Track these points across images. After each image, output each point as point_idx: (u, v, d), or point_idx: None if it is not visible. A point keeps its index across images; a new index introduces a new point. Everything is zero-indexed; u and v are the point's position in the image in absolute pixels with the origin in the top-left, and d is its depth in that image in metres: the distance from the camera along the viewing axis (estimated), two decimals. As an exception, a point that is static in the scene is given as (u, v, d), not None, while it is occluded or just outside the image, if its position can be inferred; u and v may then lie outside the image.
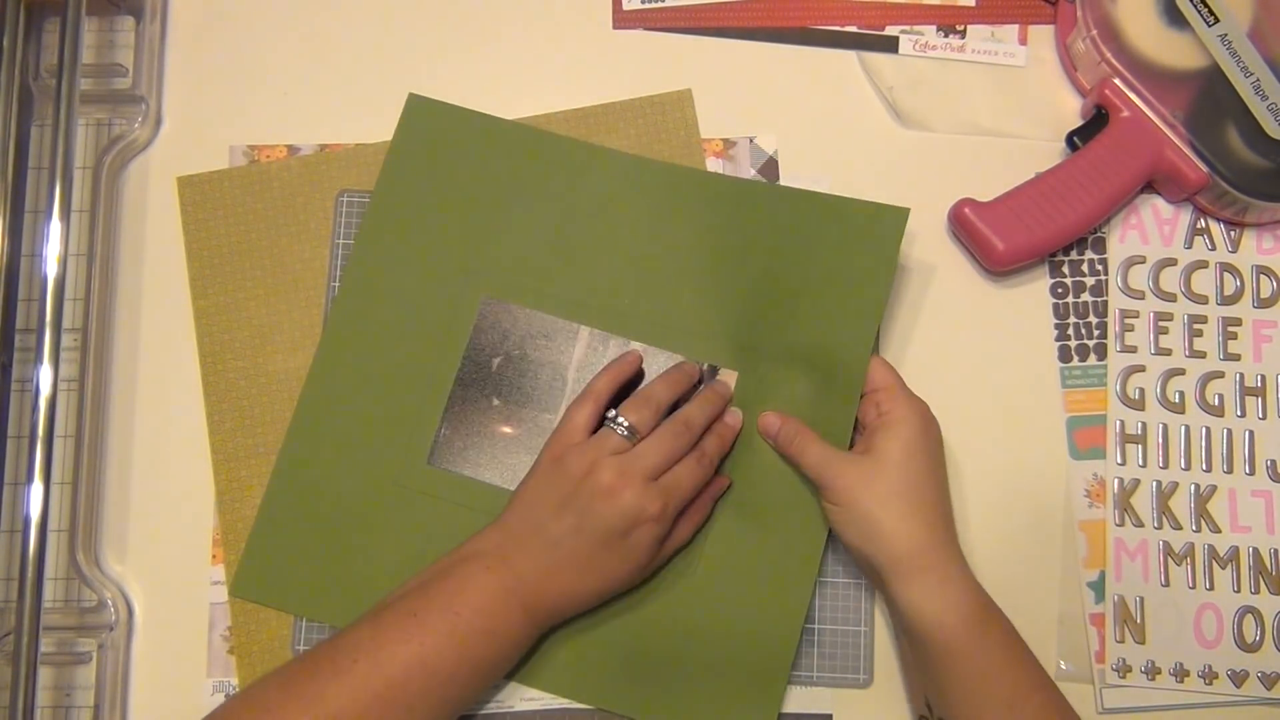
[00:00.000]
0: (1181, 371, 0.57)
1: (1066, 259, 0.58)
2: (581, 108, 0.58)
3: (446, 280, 0.56)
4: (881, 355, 0.55)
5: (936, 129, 0.59)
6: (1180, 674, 0.54)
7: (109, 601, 0.54)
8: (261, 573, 0.54)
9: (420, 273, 0.56)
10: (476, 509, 0.53)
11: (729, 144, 0.58)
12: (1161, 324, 0.57)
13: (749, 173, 0.58)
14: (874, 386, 0.52)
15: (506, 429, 0.55)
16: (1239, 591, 0.55)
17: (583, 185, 0.56)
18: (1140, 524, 0.55)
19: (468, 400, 0.55)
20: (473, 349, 0.55)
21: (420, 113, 0.57)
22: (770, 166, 0.58)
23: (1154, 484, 0.56)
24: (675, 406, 0.52)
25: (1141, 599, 0.55)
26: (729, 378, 0.54)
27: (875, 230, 0.54)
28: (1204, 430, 0.56)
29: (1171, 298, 0.58)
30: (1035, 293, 0.58)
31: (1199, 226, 0.58)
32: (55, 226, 0.52)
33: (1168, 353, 0.57)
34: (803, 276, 0.54)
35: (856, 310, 0.53)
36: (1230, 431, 0.56)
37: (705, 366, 0.54)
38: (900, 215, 0.53)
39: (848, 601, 0.55)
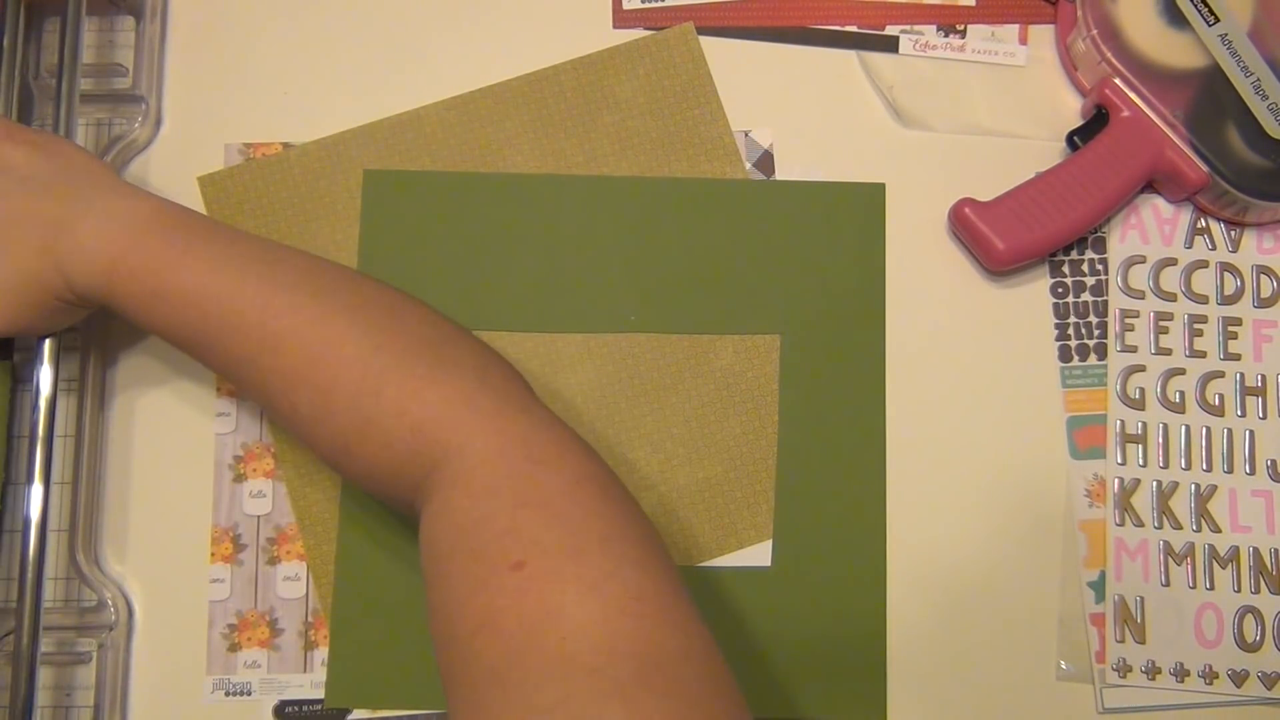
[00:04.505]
0: (1182, 371, 0.57)
1: (1066, 259, 0.58)
2: (585, 55, 0.59)
3: None
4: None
5: (936, 129, 0.59)
6: (1180, 674, 0.54)
7: (109, 601, 0.54)
8: (352, 680, 0.54)
9: None
10: None
11: (729, 144, 0.59)
12: (1162, 324, 0.57)
13: (745, 168, 0.58)
14: None
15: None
16: (1239, 591, 0.55)
17: (558, 215, 0.57)
18: (1140, 524, 0.55)
19: None
20: None
21: (380, 186, 0.57)
22: (766, 161, 0.58)
23: (1154, 484, 0.56)
24: None
25: (1142, 599, 0.55)
26: (772, 341, 0.57)
27: (859, 209, 0.58)
28: (1204, 430, 0.56)
29: (1172, 297, 0.58)
30: (1035, 292, 0.58)
31: (1199, 226, 0.58)
32: (55, 226, 0.52)
33: (1168, 352, 0.57)
34: (802, 259, 0.57)
35: (860, 282, 0.57)
36: (1230, 431, 0.56)
37: None
38: (877, 190, 0.58)
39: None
